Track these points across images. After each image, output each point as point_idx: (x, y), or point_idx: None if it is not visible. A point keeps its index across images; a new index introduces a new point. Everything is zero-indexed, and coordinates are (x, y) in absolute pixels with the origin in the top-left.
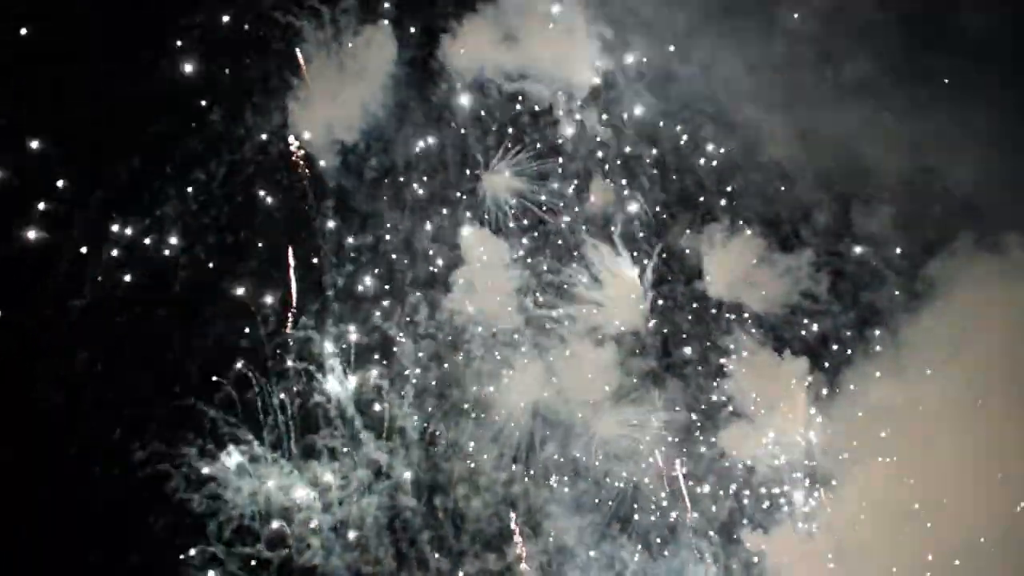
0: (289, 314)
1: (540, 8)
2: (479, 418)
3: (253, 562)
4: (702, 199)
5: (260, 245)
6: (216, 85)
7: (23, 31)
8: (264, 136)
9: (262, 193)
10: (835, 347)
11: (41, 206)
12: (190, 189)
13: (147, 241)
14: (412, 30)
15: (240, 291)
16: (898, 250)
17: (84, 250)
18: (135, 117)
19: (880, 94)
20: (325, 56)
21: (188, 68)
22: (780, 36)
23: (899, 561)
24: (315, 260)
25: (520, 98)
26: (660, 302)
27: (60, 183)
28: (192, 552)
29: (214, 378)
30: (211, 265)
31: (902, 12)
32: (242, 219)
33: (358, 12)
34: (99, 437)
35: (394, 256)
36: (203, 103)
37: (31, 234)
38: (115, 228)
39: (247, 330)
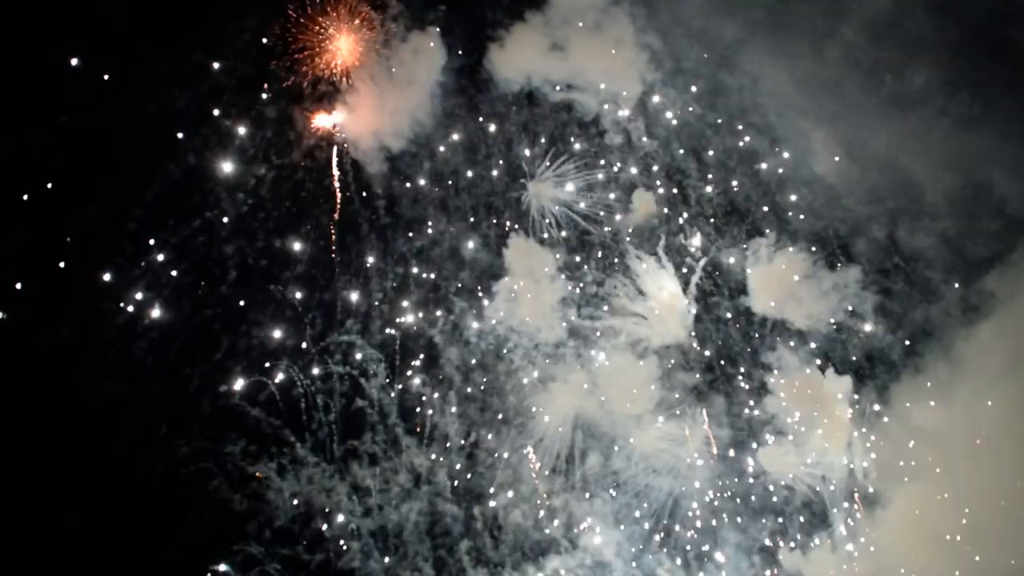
0: (335, 319)
1: (588, 18)
2: (520, 428)
3: (292, 563)
4: (748, 213)
5: (307, 249)
6: (267, 90)
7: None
8: (312, 141)
9: (309, 197)
10: (882, 366)
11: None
12: (240, 193)
13: (198, 241)
14: (460, 38)
15: (287, 294)
16: (949, 266)
17: (134, 249)
18: (186, 120)
19: (932, 108)
20: (373, 63)
21: (238, 73)
22: (830, 49)
23: None
24: (362, 265)
25: (567, 107)
26: (704, 316)
27: (110, 182)
28: (232, 551)
29: (259, 379)
30: (260, 266)
31: (954, 25)
32: (290, 223)
33: (407, 19)
34: (145, 433)
35: (439, 264)
36: (255, 108)
37: (81, 231)
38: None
39: (292, 333)
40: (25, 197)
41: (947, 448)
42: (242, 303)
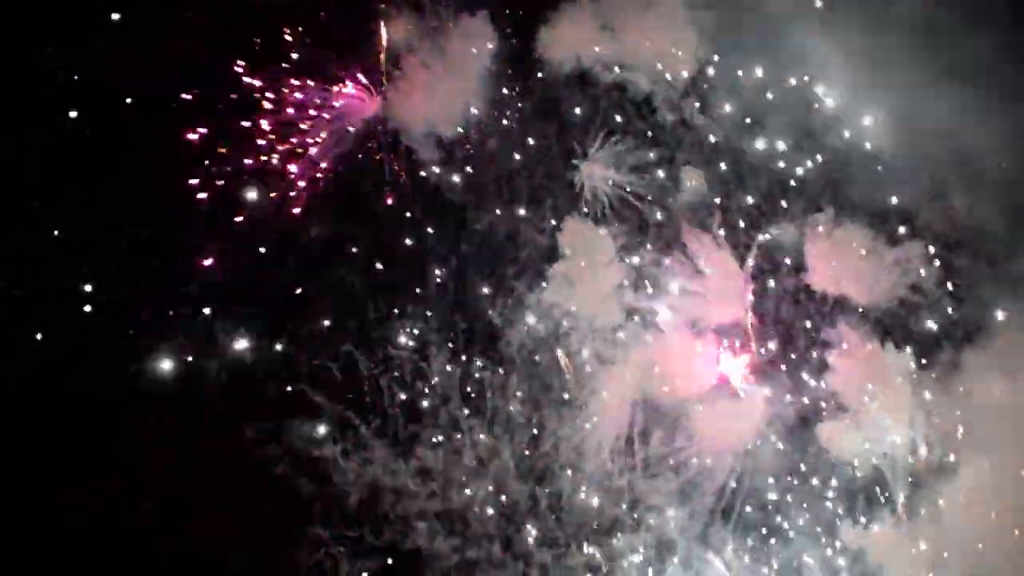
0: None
1: None
2: (582, 410)
3: (358, 545)
4: (805, 188)
5: (366, 234)
6: (316, 77)
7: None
8: (362, 128)
9: (361, 184)
10: (945, 341)
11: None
12: (302, 182)
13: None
14: (510, 20)
15: (347, 279)
16: (1014, 239)
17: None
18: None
19: (993, 78)
20: (424, 47)
21: (291, 58)
22: (886, 23)
23: (1005, 566)
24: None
25: (619, 87)
26: (762, 294)
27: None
28: (298, 534)
29: (323, 362)
30: (317, 251)
31: None
32: (344, 209)
33: (456, 2)
34: (211, 417)
35: (494, 247)
36: (302, 94)
37: (142, 219)
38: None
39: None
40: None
41: (1013, 422)
42: (299, 290)
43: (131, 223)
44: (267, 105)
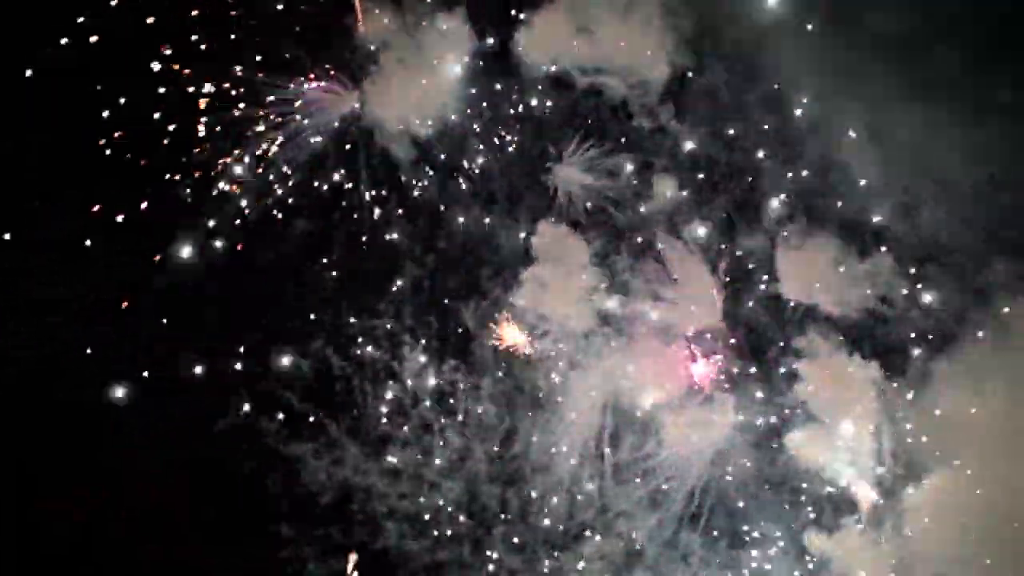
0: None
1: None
2: (552, 415)
3: (326, 544)
4: (777, 199)
5: (339, 234)
6: (290, 73)
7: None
8: (336, 124)
9: (335, 182)
10: (913, 353)
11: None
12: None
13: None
14: (486, 20)
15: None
16: (983, 254)
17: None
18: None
19: (962, 94)
20: (398, 45)
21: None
22: (860, 35)
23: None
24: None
25: (595, 91)
26: (734, 302)
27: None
28: (265, 532)
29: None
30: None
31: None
32: (317, 207)
33: (433, 1)
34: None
35: (468, 250)
36: (276, 90)
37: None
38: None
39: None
40: None
41: (977, 435)
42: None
43: (106, 225)
44: (238, 99)
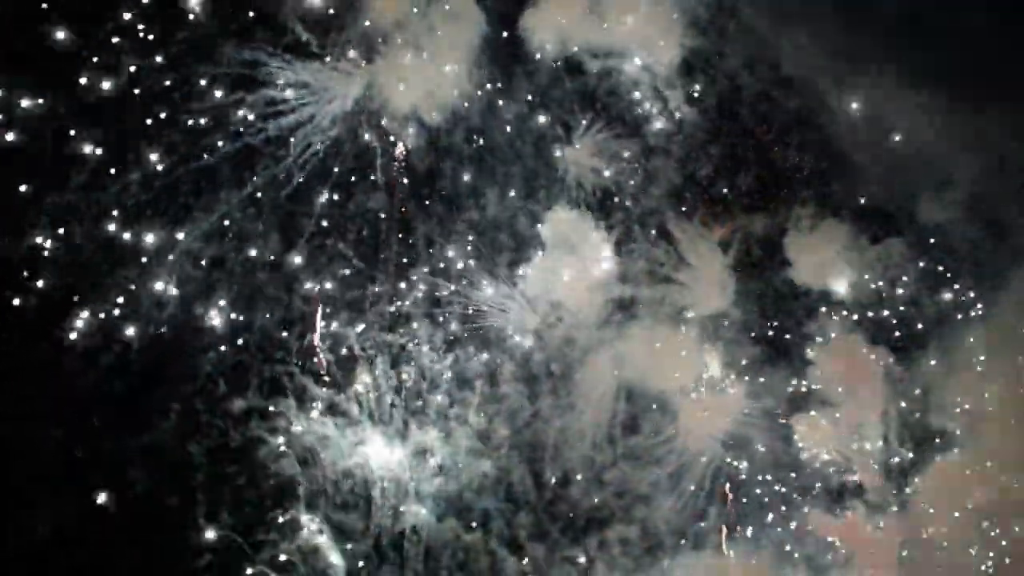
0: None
1: None
2: (568, 400)
3: (343, 529)
4: (789, 182)
5: (349, 219)
6: (296, 60)
7: None
8: (347, 108)
9: (344, 166)
10: (922, 338)
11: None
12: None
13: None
14: (496, 2)
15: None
16: (992, 241)
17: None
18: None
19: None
20: (407, 29)
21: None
22: (871, 21)
23: (974, 560)
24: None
25: (605, 74)
26: (745, 286)
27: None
28: (282, 515)
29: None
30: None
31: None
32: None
33: None
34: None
35: (480, 234)
36: (282, 78)
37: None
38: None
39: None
40: None
41: (986, 420)
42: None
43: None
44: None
